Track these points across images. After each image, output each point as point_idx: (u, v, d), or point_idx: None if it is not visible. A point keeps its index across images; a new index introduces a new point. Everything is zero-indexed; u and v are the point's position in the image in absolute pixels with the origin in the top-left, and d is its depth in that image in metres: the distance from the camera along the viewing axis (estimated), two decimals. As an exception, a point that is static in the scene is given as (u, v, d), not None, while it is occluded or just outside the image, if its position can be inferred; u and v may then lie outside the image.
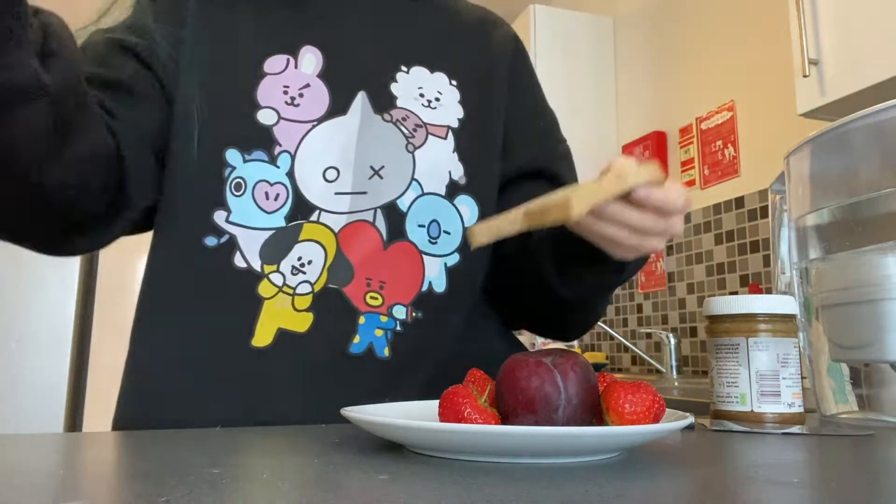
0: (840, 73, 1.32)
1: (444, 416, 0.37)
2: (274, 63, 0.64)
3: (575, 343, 2.44)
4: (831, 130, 0.60)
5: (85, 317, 3.54)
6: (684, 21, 2.28)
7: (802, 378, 0.54)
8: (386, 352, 0.61)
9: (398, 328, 0.62)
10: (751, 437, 0.47)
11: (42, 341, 3.28)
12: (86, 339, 3.39)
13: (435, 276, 0.65)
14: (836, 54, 1.34)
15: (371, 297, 0.62)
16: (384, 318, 0.62)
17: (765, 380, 0.52)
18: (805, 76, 1.37)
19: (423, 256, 0.65)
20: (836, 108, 1.35)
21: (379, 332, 0.62)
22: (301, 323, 0.60)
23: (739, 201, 2.00)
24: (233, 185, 0.61)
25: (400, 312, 0.63)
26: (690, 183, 2.22)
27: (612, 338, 2.57)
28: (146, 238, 0.64)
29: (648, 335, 2.36)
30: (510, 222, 0.47)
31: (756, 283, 1.89)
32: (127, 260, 3.28)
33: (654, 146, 2.32)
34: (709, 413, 0.57)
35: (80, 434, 0.47)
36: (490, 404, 0.38)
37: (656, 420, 0.37)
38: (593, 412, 0.37)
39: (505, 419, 0.37)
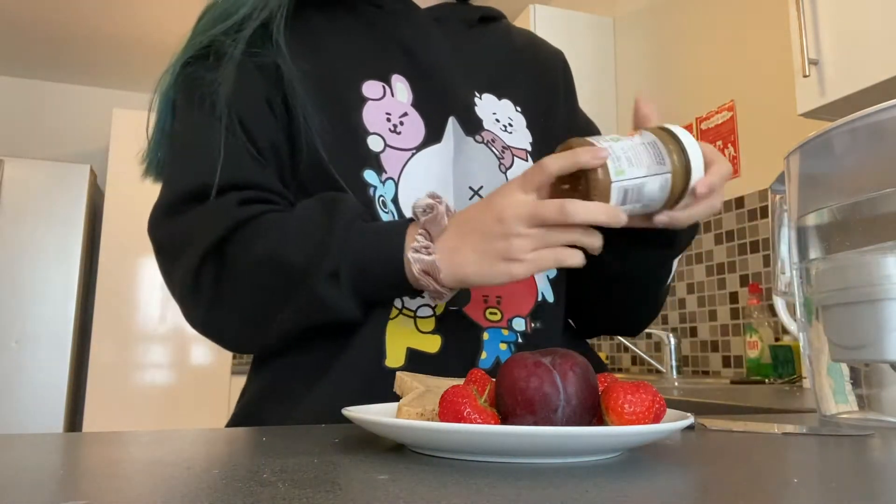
0: (840, 73, 1.32)
1: (444, 416, 0.37)
2: (371, 88, 0.65)
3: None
4: (831, 130, 0.60)
5: (85, 317, 3.54)
6: (684, 21, 2.28)
7: (802, 378, 0.54)
8: None
9: (520, 340, 0.64)
10: (751, 437, 0.47)
11: (42, 341, 3.28)
12: (86, 339, 3.39)
13: (544, 286, 0.67)
14: (836, 54, 1.34)
15: (490, 313, 0.64)
16: (506, 332, 0.64)
17: None
18: (805, 76, 1.37)
19: None
20: (836, 108, 1.35)
21: (503, 346, 0.63)
22: (430, 344, 0.61)
23: (739, 201, 2.00)
24: (380, 203, 0.62)
25: (520, 325, 0.65)
26: (690, 183, 2.22)
27: (612, 338, 2.57)
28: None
29: (648, 335, 2.36)
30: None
31: (756, 283, 1.89)
32: (127, 261, 3.28)
33: (654, 146, 2.32)
34: (698, 414, 0.56)
35: (80, 434, 0.47)
36: (490, 404, 0.38)
37: (656, 420, 0.36)
38: (593, 412, 0.37)
39: (504, 419, 0.37)
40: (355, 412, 0.40)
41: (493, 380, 0.40)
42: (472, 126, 0.67)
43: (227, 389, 3.32)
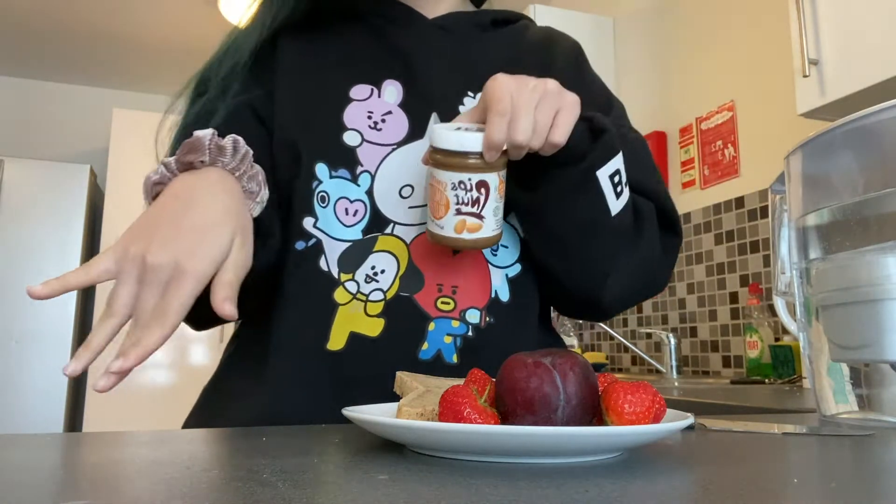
0: (840, 73, 1.32)
1: (444, 416, 0.37)
2: (359, 91, 0.69)
3: (575, 342, 2.44)
4: (831, 130, 0.59)
5: (85, 317, 3.54)
6: (684, 21, 2.28)
7: (802, 378, 0.54)
8: (454, 358, 0.63)
9: (470, 333, 0.64)
10: (751, 438, 0.47)
11: (42, 341, 3.28)
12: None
13: (499, 285, 0.66)
14: (836, 54, 1.34)
15: (442, 303, 0.63)
16: (456, 324, 0.63)
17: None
18: (805, 76, 1.37)
19: (489, 265, 0.66)
20: (836, 108, 1.35)
21: (448, 339, 0.63)
22: (373, 328, 0.62)
23: (739, 201, 2.00)
24: (318, 197, 0.65)
25: (474, 317, 0.64)
26: (690, 183, 2.22)
27: (612, 338, 2.57)
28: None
29: (648, 335, 2.36)
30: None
31: (756, 283, 1.89)
32: (127, 260, 3.27)
33: (654, 146, 2.32)
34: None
35: (80, 434, 0.47)
36: (490, 404, 0.38)
37: (656, 420, 0.37)
38: (593, 412, 0.37)
39: (504, 419, 0.37)
40: (355, 412, 0.40)
41: (493, 380, 0.40)
42: (449, 120, 0.67)
43: (227, 389, 3.32)
